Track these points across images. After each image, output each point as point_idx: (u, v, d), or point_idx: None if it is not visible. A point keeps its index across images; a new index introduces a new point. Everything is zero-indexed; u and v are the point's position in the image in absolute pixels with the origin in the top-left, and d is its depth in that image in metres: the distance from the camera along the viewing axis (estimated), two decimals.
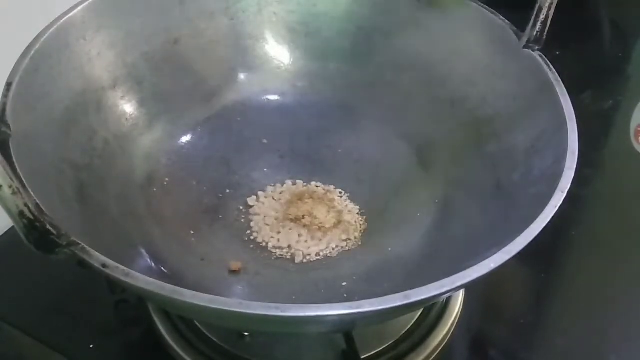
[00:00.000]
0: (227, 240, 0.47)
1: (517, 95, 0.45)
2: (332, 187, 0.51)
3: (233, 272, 0.45)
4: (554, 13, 0.43)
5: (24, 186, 0.31)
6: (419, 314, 0.47)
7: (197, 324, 0.45)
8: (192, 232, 0.47)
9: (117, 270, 0.30)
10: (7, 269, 0.50)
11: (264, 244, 0.47)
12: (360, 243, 0.47)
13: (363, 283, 0.45)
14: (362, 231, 0.48)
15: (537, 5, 0.43)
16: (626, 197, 0.60)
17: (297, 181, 0.52)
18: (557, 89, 0.42)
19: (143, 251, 0.43)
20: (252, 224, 0.48)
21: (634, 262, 0.54)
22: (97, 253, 0.30)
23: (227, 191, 0.50)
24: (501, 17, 0.47)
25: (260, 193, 0.50)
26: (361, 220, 0.49)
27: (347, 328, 0.41)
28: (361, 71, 0.54)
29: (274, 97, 0.55)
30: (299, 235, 0.48)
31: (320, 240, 0.47)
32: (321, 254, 0.47)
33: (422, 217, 0.48)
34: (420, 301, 0.29)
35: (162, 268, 0.43)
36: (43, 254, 0.30)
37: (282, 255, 0.47)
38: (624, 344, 0.48)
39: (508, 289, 0.52)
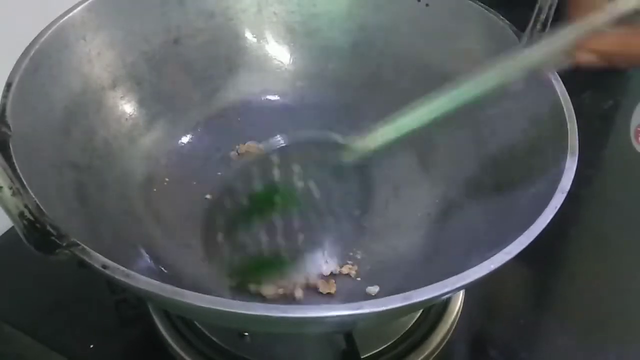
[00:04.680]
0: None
1: (517, 96, 0.45)
2: None
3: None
4: (554, 13, 0.43)
5: (24, 187, 0.31)
6: (419, 314, 0.47)
7: (197, 324, 0.45)
8: (192, 232, 0.47)
9: (118, 271, 0.30)
10: (7, 269, 0.50)
11: None
12: (360, 243, 0.47)
13: (363, 283, 0.45)
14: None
15: (537, 6, 0.43)
16: (626, 197, 0.60)
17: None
18: (557, 89, 0.42)
19: (143, 251, 0.43)
20: None
21: (634, 262, 0.54)
22: (97, 254, 0.30)
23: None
24: (501, 17, 0.47)
25: None
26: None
27: (347, 328, 0.41)
28: (361, 71, 0.54)
29: (274, 97, 0.55)
30: None
31: None
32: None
33: (422, 217, 0.48)
34: (421, 302, 0.29)
35: (162, 268, 0.43)
36: (43, 254, 0.30)
37: None
38: (624, 344, 0.48)
39: (508, 289, 0.52)
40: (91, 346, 0.45)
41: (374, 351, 0.45)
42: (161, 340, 0.45)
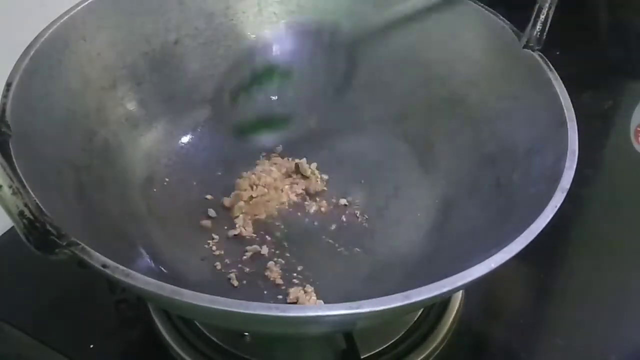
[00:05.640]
0: (227, 240, 0.47)
1: (518, 95, 0.45)
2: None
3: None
4: (554, 13, 0.43)
5: (24, 186, 0.31)
6: (419, 313, 0.47)
7: (197, 324, 0.45)
8: (192, 232, 0.47)
9: (117, 270, 0.30)
10: (7, 269, 0.50)
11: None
12: (360, 243, 0.47)
13: (363, 283, 0.45)
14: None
15: (537, 6, 0.43)
16: (626, 197, 0.60)
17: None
18: (557, 89, 0.42)
19: (143, 251, 0.43)
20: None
21: (633, 262, 0.54)
22: (97, 253, 0.30)
23: (227, 191, 0.50)
24: (501, 17, 0.47)
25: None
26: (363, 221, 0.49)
27: (347, 328, 0.41)
28: (361, 71, 0.54)
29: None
30: None
31: None
32: None
33: (422, 217, 0.48)
34: (421, 301, 0.29)
35: (162, 268, 0.43)
36: (43, 254, 0.30)
37: None
38: (624, 344, 0.48)
39: (508, 289, 0.52)
40: (91, 346, 0.45)
41: (374, 351, 0.45)
42: (161, 341, 0.45)
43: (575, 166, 0.37)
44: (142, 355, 0.46)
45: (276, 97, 0.55)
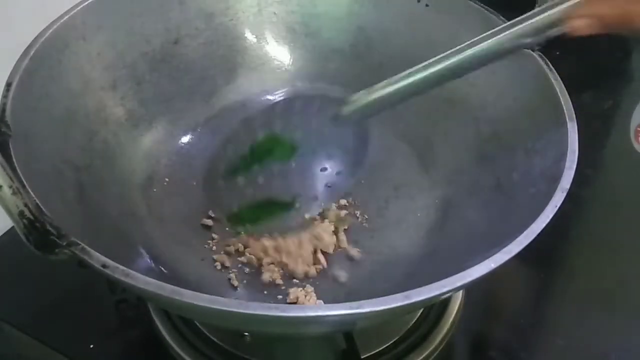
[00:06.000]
0: (227, 240, 0.47)
1: (517, 95, 0.45)
2: None
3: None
4: None
5: (24, 186, 0.31)
6: (419, 313, 0.47)
7: (197, 324, 0.45)
8: (192, 232, 0.47)
9: (117, 270, 0.30)
10: (7, 269, 0.50)
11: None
12: (360, 243, 0.47)
13: (363, 283, 0.45)
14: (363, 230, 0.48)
15: (536, 6, 0.43)
16: (626, 197, 0.60)
17: None
18: (557, 89, 0.42)
19: (143, 251, 0.43)
20: None
21: (633, 262, 0.54)
22: (97, 253, 0.30)
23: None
24: (501, 17, 0.47)
25: None
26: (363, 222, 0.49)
27: (347, 328, 0.41)
28: (361, 71, 0.54)
29: (273, 97, 0.55)
30: None
31: None
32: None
33: (422, 217, 0.48)
34: (421, 301, 0.29)
35: (162, 268, 0.43)
36: (43, 254, 0.30)
37: None
38: (624, 344, 0.48)
39: (508, 289, 0.52)
40: (91, 346, 0.45)
41: (374, 351, 0.45)
42: (161, 341, 0.45)
43: (575, 166, 0.37)
44: (142, 355, 0.46)
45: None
